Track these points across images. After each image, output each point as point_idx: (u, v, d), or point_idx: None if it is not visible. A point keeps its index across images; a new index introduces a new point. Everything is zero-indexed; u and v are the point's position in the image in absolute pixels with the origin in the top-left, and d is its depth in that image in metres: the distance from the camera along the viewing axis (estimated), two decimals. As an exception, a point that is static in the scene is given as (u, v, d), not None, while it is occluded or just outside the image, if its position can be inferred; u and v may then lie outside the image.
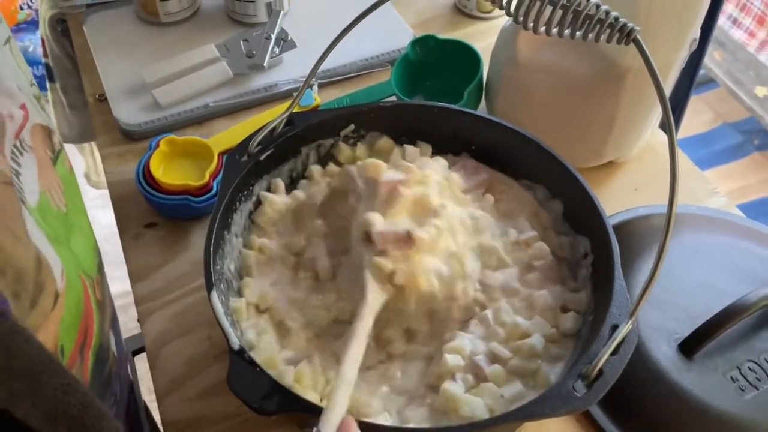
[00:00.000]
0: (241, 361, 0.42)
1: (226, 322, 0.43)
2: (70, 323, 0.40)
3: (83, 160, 1.23)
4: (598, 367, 0.41)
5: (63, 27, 0.92)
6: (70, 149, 1.18)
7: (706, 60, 2.05)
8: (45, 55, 0.99)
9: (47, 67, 1.01)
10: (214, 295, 0.45)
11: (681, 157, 0.72)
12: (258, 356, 0.45)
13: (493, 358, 0.47)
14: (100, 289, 0.48)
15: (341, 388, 0.39)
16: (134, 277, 0.61)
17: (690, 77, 0.89)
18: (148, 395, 0.61)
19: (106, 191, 0.68)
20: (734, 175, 1.95)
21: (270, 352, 0.46)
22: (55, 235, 0.40)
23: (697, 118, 2.09)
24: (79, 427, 0.33)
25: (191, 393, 0.54)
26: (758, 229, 0.64)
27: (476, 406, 0.44)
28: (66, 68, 0.98)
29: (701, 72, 2.06)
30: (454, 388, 0.45)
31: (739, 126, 2.07)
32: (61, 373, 0.33)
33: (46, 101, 1.05)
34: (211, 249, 0.47)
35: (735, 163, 1.98)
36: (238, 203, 0.52)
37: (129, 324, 1.50)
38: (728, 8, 1.95)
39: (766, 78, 2.05)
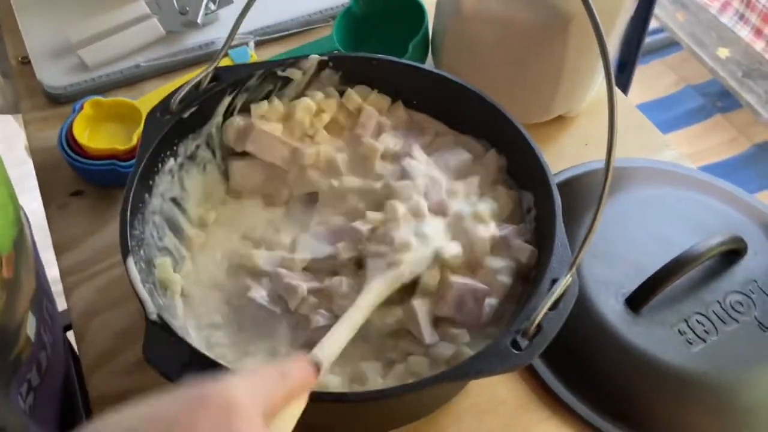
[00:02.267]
0: (157, 330, 0.39)
1: (142, 289, 0.41)
2: None
3: (23, 131, 1.17)
4: (536, 322, 0.39)
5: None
6: (8, 120, 1.12)
7: (669, 22, 2.04)
8: (-29, 19, 0.93)
9: (-25, 32, 0.95)
10: (131, 260, 0.42)
11: (633, 111, 0.70)
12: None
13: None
14: (11, 267, 0.44)
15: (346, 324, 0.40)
16: (59, 249, 0.57)
17: (641, 28, 0.87)
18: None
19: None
20: (697, 137, 1.96)
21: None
22: None
23: (661, 81, 2.09)
24: None
25: (120, 367, 0.51)
26: (709, 181, 0.63)
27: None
28: (-4, 34, 0.92)
29: (664, 35, 2.05)
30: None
31: (702, 88, 2.07)
32: None
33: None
34: (128, 213, 0.43)
35: (698, 126, 1.99)
36: (160, 164, 0.49)
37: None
38: (691, -32, 1.94)
39: (728, 39, 2.05)
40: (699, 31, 2.09)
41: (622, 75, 0.69)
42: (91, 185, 0.61)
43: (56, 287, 0.58)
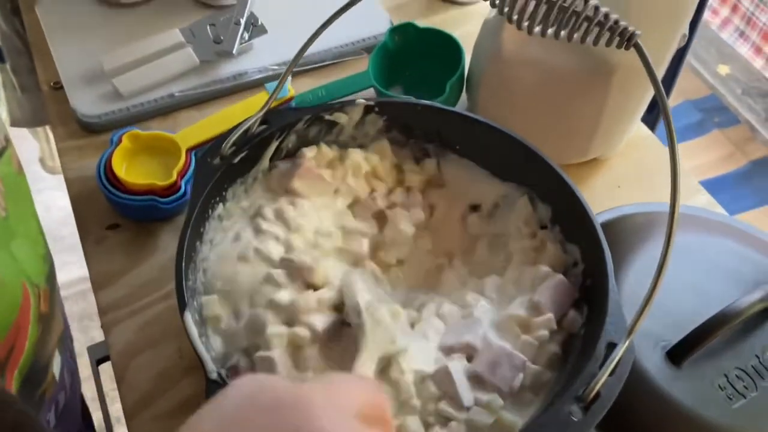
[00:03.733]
0: (218, 389, 0.39)
1: (201, 347, 0.40)
2: None
3: (37, 144, 1.16)
4: (596, 390, 0.39)
5: (13, 4, 0.85)
6: (23, 133, 1.11)
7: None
8: (-7, 34, 0.92)
9: (-4, 46, 0.94)
10: (188, 315, 0.42)
11: (665, 152, 0.71)
12: None
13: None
14: (47, 302, 0.44)
15: None
16: (97, 285, 0.57)
17: (674, 71, 0.88)
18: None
19: (62, 175, 0.64)
20: (694, 152, 1.97)
21: None
22: None
23: (660, 96, 2.10)
24: None
25: (163, 410, 0.51)
26: (743, 229, 0.63)
27: None
28: (17, 48, 0.92)
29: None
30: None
31: (700, 104, 2.09)
32: None
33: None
34: (183, 265, 0.43)
35: (695, 141, 2.01)
36: (210, 210, 0.49)
37: (88, 309, 1.43)
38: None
39: (728, 56, 2.07)
40: (699, 46, 2.11)
41: (651, 114, 0.70)
42: (128, 219, 0.61)
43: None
